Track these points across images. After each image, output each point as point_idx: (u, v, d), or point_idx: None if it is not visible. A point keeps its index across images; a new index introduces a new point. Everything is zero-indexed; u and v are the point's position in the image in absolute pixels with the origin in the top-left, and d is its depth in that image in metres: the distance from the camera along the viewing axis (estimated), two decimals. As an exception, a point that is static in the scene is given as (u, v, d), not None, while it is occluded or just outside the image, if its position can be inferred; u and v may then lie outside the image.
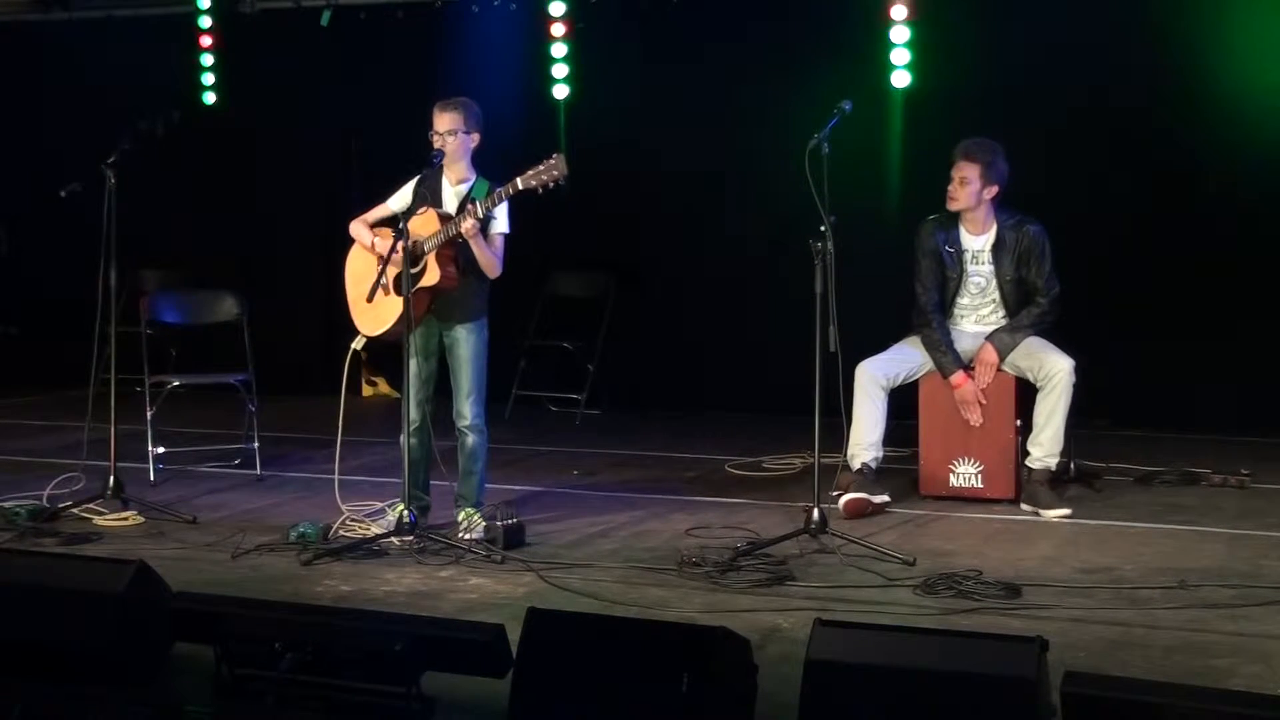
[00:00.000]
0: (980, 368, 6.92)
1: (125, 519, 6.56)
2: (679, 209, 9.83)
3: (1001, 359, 6.89)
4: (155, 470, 7.51)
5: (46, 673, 4.35)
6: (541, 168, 5.98)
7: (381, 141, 9.59)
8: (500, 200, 6.08)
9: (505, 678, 3.95)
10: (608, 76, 9.93)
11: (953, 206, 6.94)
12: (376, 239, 6.30)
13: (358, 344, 6.40)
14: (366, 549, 5.96)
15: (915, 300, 7.03)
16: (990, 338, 6.93)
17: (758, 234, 9.40)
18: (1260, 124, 8.60)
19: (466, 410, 6.27)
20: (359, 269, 6.39)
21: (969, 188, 6.87)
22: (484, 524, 6.15)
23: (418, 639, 4.05)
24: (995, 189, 6.89)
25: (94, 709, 4.22)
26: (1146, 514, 6.73)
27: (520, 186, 6.01)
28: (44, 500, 6.72)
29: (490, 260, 6.18)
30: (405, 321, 6.03)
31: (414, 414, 6.26)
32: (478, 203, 6.11)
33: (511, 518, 6.11)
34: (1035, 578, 5.51)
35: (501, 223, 6.20)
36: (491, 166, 6.37)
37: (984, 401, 6.90)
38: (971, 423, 6.91)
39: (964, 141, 6.95)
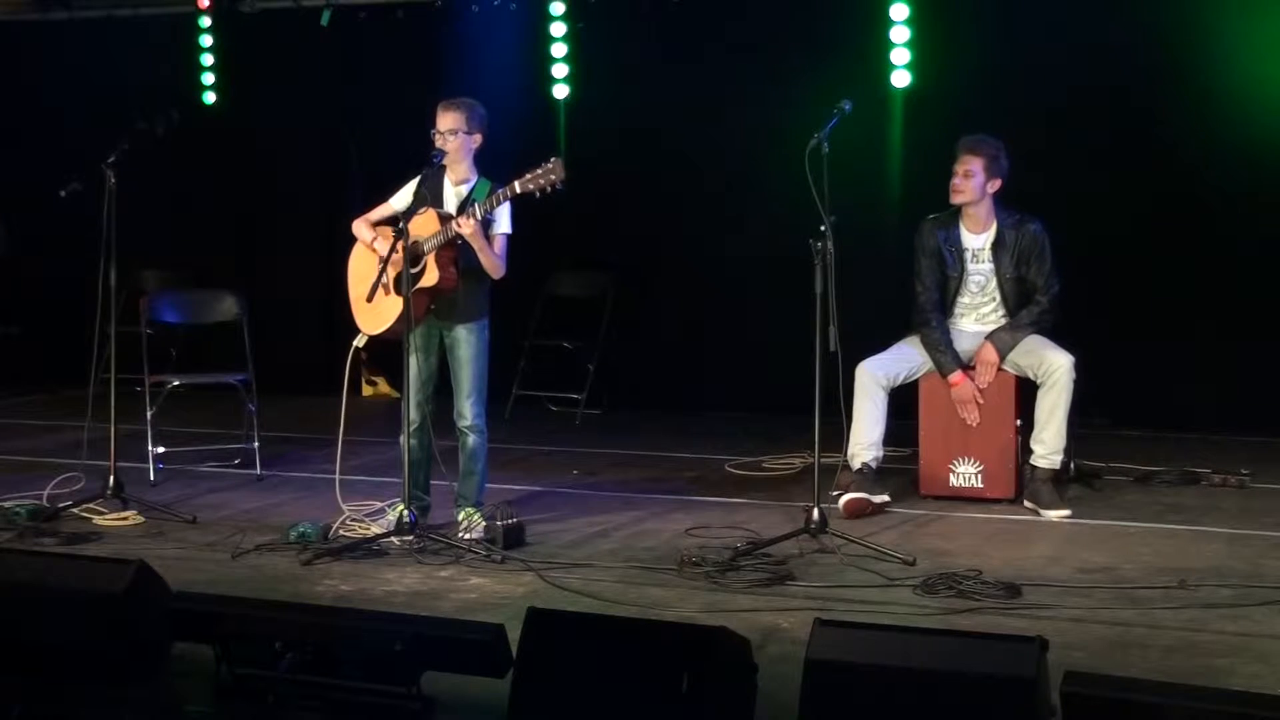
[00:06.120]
0: (981, 367, 6.92)
1: (125, 519, 6.56)
2: (679, 209, 9.82)
3: (1002, 358, 6.89)
4: (155, 470, 7.51)
5: (47, 673, 4.35)
6: (540, 171, 5.98)
7: (381, 141, 9.59)
8: (499, 203, 6.09)
9: (505, 678, 3.95)
10: (608, 76, 9.92)
11: (957, 200, 6.93)
12: (378, 240, 6.31)
13: (359, 341, 6.40)
14: (366, 549, 5.96)
15: (915, 299, 7.03)
16: (990, 337, 6.94)
17: (758, 234, 9.38)
18: (1262, 123, 8.57)
19: (467, 410, 6.27)
20: (361, 268, 6.40)
21: (974, 180, 6.87)
22: (484, 524, 6.15)
23: (418, 639, 4.05)
24: (998, 183, 6.90)
25: (94, 709, 4.22)
26: (1146, 514, 6.73)
27: (518, 190, 6.01)
28: (44, 500, 6.72)
29: (493, 262, 6.18)
30: (405, 322, 6.04)
31: (414, 414, 6.26)
32: (477, 204, 6.11)
33: (511, 518, 6.11)
34: (1035, 578, 5.51)
35: (503, 224, 6.21)
36: (491, 166, 6.36)
37: (982, 401, 6.90)
38: (968, 422, 6.91)
39: (966, 136, 6.96)
